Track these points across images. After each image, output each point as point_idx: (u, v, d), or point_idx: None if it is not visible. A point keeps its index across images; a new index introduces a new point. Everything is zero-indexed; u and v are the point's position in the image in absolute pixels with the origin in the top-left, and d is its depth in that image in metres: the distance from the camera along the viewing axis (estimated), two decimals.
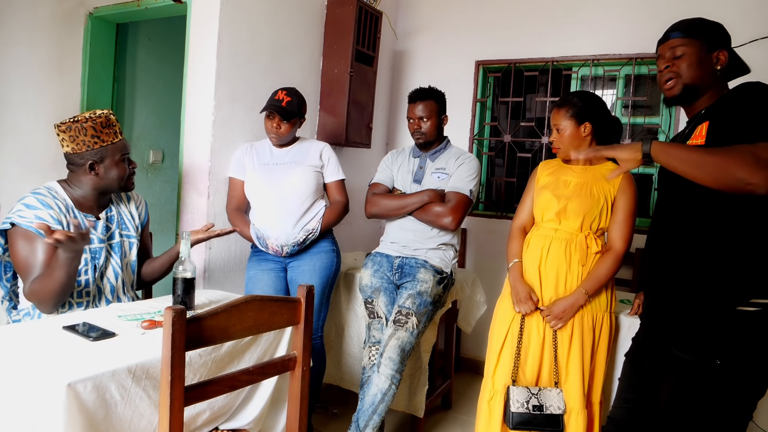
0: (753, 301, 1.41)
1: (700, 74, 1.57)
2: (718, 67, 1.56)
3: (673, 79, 1.59)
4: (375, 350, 2.40)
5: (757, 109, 1.39)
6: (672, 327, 1.55)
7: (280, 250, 2.45)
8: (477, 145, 3.73)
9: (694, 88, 1.58)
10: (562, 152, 2.16)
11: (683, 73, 1.58)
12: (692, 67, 1.57)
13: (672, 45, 1.60)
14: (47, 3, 2.87)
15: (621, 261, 2.04)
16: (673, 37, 1.60)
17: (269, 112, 2.46)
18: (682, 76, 1.58)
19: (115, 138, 1.94)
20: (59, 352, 1.40)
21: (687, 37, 1.58)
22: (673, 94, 1.61)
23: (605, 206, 2.05)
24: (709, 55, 1.56)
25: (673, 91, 1.60)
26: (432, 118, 2.51)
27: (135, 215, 2.14)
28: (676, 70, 1.59)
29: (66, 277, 1.74)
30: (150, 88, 3.54)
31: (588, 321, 2.05)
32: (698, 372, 1.46)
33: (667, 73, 1.61)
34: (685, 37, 1.58)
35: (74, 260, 1.74)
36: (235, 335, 1.38)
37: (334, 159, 2.60)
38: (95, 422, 1.29)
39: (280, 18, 2.91)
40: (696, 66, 1.57)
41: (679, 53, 1.58)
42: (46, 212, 1.82)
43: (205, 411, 1.58)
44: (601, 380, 2.08)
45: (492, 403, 2.11)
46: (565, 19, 3.38)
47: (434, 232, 2.50)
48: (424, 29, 3.89)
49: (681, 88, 1.59)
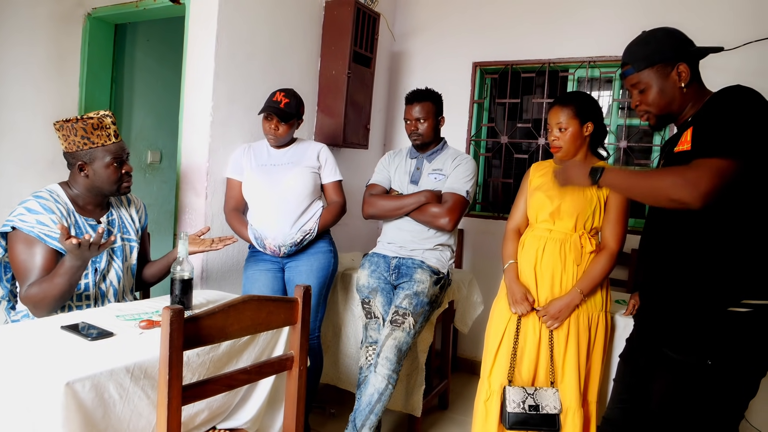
0: (744, 302, 1.42)
1: (667, 101, 1.58)
2: (682, 84, 1.55)
3: (646, 113, 1.63)
4: (372, 350, 2.41)
5: (718, 121, 1.42)
6: (664, 327, 1.56)
7: (277, 251, 2.46)
8: (474, 146, 3.74)
9: (669, 115, 1.61)
10: (563, 152, 2.11)
11: (652, 106, 1.60)
12: (657, 99, 1.58)
13: (631, 82, 1.62)
14: (46, 3, 2.88)
15: (615, 260, 2.05)
16: (628, 73, 1.61)
17: (267, 114, 2.47)
18: (652, 109, 1.61)
19: (107, 140, 1.93)
20: (58, 351, 1.41)
21: (640, 70, 1.58)
22: (651, 125, 1.65)
23: (598, 206, 2.06)
24: (669, 78, 1.56)
25: (650, 123, 1.65)
26: (429, 119, 2.52)
27: (135, 219, 2.15)
28: (644, 107, 1.61)
29: (67, 284, 1.74)
30: (148, 88, 3.54)
31: (584, 320, 2.06)
32: (690, 372, 1.47)
33: (639, 111, 1.64)
34: (639, 70, 1.58)
35: (80, 269, 1.75)
36: (233, 335, 1.39)
37: (331, 160, 2.61)
38: (93, 421, 1.29)
39: (278, 19, 2.92)
40: (659, 96, 1.57)
41: (641, 88, 1.59)
42: (47, 217, 1.82)
43: (203, 410, 1.59)
44: (597, 379, 2.09)
45: (488, 403, 2.12)
46: (561, 21, 3.40)
47: (431, 232, 2.51)
48: (421, 31, 3.90)
49: (655, 119, 1.63)
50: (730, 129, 1.39)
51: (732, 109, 1.41)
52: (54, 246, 1.81)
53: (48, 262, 1.80)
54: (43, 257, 1.80)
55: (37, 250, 1.80)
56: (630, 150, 3.29)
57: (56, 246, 1.81)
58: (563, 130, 2.09)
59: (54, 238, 1.81)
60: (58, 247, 1.81)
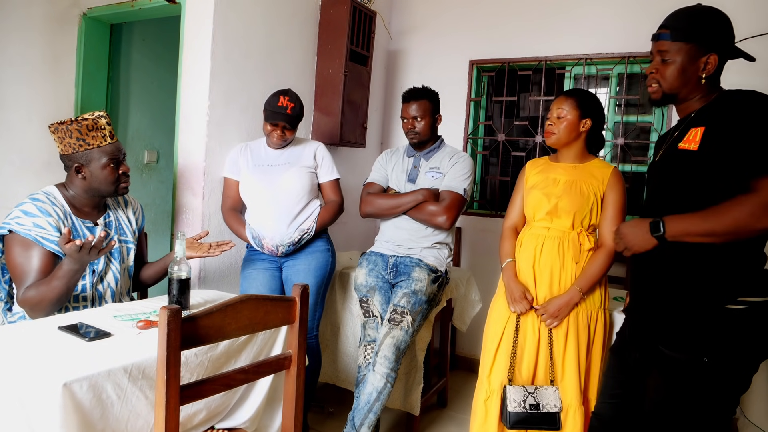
0: (741, 300, 1.43)
1: (682, 83, 1.53)
2: (704, 75, 1.51)
3: (655, 84, 1.58)
4: (370, 349, 2.41)
5: (755, 134, 1.37)
6: (660, 324, 1.55)
7: (275, 250, 2.46)
8: (471, 144, 3.74)
9: (674, 96, 1.57)
10: (555, 138, 2.10)
11: (665, 80, 1.55)
12: (674, 76, 1.53)
13: (660, 47, 1.55)
14: (41, 3, 2.87)
15: (613, 257, 2.05)
16: (663, 38, 1.54)
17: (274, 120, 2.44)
18: (663, 83, 1.56)
19: (102, 141, 1.92)
20: (55, 352, 1.40)
21: (675, 40, 1.51)
22: (655, 98, 1.61)
23: (595, 203, 2.07)
24: (696, 62, 1.50)
25: (654, 95, 1.60)
26: (426, 117, 2.52)
27: (132, 220, 2.14)
28: (659, 77, 1.56)
29: (65, 288, 1.74)
30: (144, 88, 3.53)
31: (583, 318, 2.06)
32: (686, 369, 1.47)
33: (651, 79, 1.59)
34: (674, 40, 1.52)
35: (78, 273, 1.75)
36: (231, 334, 1.39)
37: (328, 159, 2.60)
38: (91, 422, 1.29)
39: (274, 18, 2.91)
40: (679, 75, 1.52)
41: (666, 57, 1.54)
42: (44, 220, 1.82)
43: (201, 410, 1.59)
44: (597, 376, 2.09)
45: (488, 402, 2.11)
46: (558, 18, 3.40)
47: (429, 231, 2.51)
48: (418, 29, 3.90)
49: (661, 95, 1.58)
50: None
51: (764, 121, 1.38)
52: (51, 249, 1.81)
53: (45, 265, 1.80)
54: (40, 260, 1.79)
55: (34, 253, 1.79)
56: (627, 147, 3.29)
57: (53, 249, 1.81)
58: (561, 118, 2.09)
59: (51, 241, 1.80)
60: (55, 249, 1.81)
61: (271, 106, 2.43)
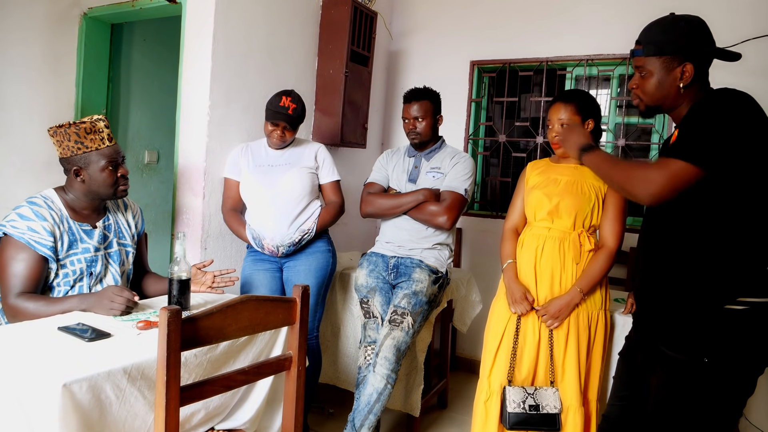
0: (741, 300, 1.42)
1: (662, 95, 1.56)
2: (681, 84, 1.52)
3: (638, 98, 1.62)
4: (371, 350, 2.41)
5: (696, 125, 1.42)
6: (661, 325, 1.55)
7: (275, 251, 2.45)
8: (472, 145, 3.74)
9: (657, 108, 1.61)
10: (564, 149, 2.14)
11: (645, 94, 1.58)
12: (653, 89, 1.56)
13: (636, 63, 1.59)
14: (41, 3, 2.86)
15: (614, 258, 2.05)
16: (637, 54, 1.58)
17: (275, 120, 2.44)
18: (644, 97, 1.59)
19: (101, 144, 1.92)
20: (54, 352, 1.40)
21: (648, 55, 1.55)
22: (641, 111, 1.65)
23: (596, 203, 2.06)
24: (672, 73, 1.53)
25: (640, 108, 1.64)
26: (427, 118, 2.52)
27: (132, 224, 2.14)
28: (640, 92, 1.60)
29: (59, 314, 1.76)
30: (145, 88, 3.53)
31: (583, 319, 2.05)
32: (686, 370, 1.47)
33: (633, 94, 1.63)
34: (647, 55, 1.55)
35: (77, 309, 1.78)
36: (231, 335, 1.39)
37: (329, 160, 2.60)
38: (90, 422, 1.29)
39: (275, 18, 2.91)
40: (657, 88, 1.55)
41: (643, 73, 1.57)
42: (39, 224, 1.82)
43: (200, 411, 1.58)
44: (597, 378, 2.09)
45: (488, 403, 2.11)
46: (559, 19, 3.40)
47: (429, 231, 2.51)
48: (419, 29, 3.90)
49: (644, 107, 1.62)
50: (705, 136, 1.38)
51: (712, 116, 1.40)
52: (42, 252, 1.81)
53: (34, 271, 1.80)
54: (30, 264, 1.80)
55: (25, 257, 1.80)
56: (628, 148, 3.28)
57: (44, 253, 1.81)
58: (565, 127, 2.08)
59: (43, 245, 1.81)
60: (46, 253, 1.82)
61: (273, 106, 2.44)
